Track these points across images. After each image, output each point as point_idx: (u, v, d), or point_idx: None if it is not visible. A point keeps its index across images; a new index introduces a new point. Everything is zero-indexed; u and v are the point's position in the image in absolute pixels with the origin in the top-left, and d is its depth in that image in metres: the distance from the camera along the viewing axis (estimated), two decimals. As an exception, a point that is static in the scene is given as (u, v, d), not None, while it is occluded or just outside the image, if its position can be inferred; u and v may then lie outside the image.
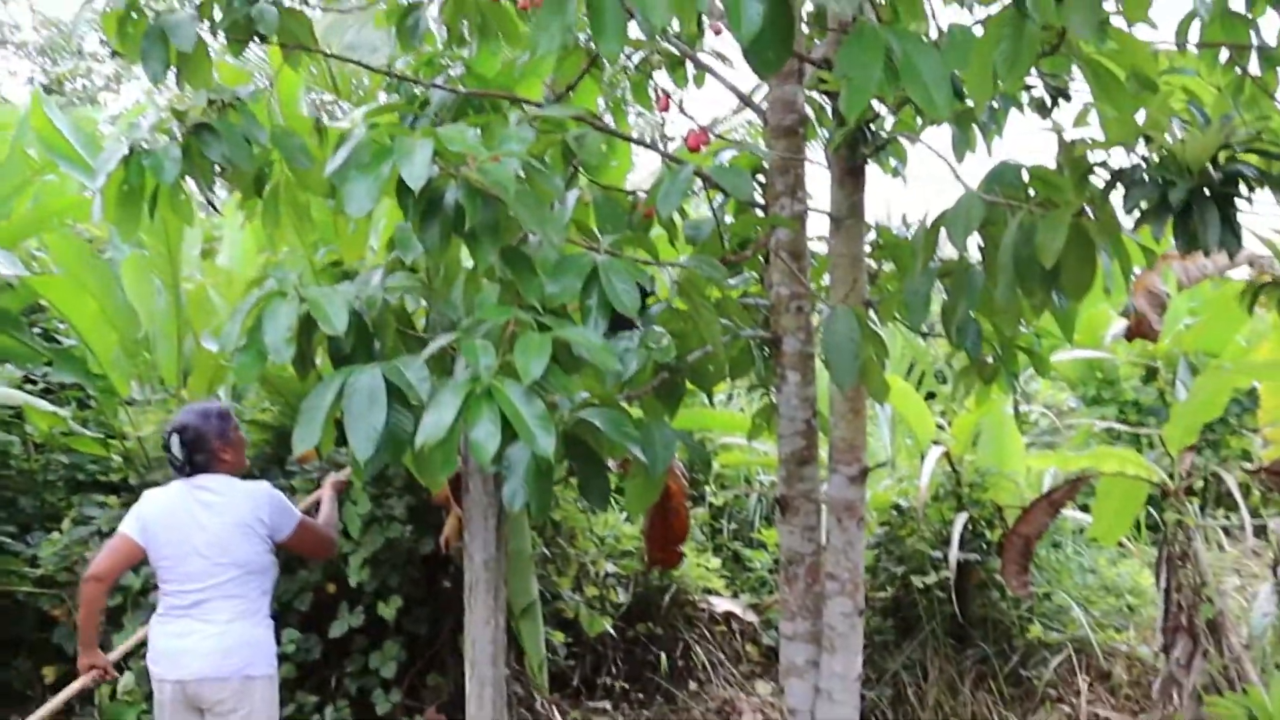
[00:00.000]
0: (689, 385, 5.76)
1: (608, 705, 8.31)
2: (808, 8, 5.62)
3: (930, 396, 11.17)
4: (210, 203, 5.80)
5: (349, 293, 5.15)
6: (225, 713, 5.76)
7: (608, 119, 6.60)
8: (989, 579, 9.20)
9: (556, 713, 7.43)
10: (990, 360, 6.04)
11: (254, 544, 5.91)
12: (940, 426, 10.13)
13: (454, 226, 4.34)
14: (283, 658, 6.53)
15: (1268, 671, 8.31)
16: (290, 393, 7.78)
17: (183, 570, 5.83)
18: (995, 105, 5.27)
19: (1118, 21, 4.62)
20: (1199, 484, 10.13)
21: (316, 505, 6.51)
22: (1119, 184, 4.46)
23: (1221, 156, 4.15)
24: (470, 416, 4.13)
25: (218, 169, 5.53)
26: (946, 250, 5.16)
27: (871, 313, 5.83)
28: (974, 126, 5.26)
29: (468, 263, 5.04)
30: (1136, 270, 8.55)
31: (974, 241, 5.02)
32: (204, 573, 5.80)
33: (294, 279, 4.94)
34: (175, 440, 5.91)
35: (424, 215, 4.32)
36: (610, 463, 5.06)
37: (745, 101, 6.39)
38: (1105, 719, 8.67)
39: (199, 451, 5.90)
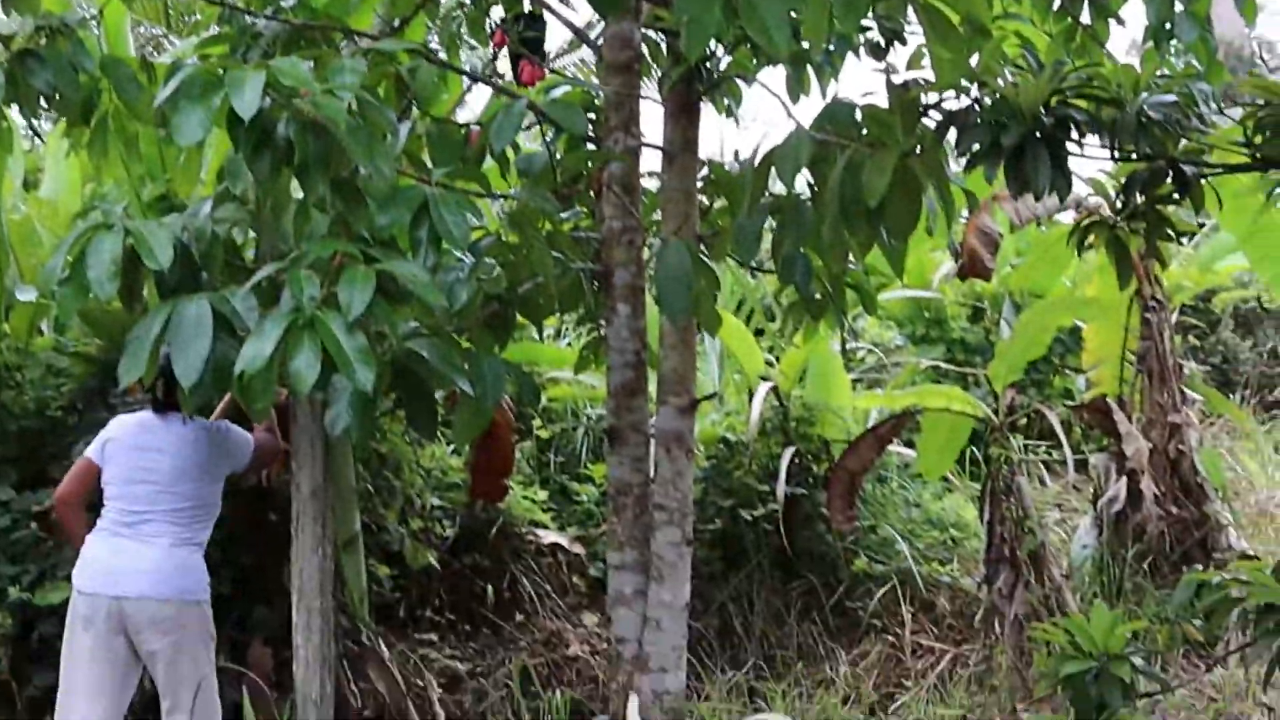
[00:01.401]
0: (519, 317, 5.78)
1: (434, 637, 8.28)
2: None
3: (759, 333, 11.27)
4: (34, 131, 5.67)
5: (175, 225, 5.10)
6: (161, 634, 5.65)
7: (441, 52, 6.56)
8: (816, 513, 9.34)
9: (382, 645, 7.38)
10: (819, 297, 6.11)
11: (212, 485, 5.92)
12: (769, 363, 10.23)
13: (285, 159, 4.31)
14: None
15: (1086, 601, 8.59)
16: (113, 326, 7.62)
17: (133, 491, 5.76)
18: (831, 48, 5.32)
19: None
20: (1022, 421, 10.38)
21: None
22: (952, 126, 4.53)
23: (1053, 101, 4.24)
24: (291, 347, 4.14)
25: (43, 97, 5.41)
26: (778, 187, 5.22)
27: (702, 248, 5.87)
28: (809, 69, 5.31)
29: (298, 194, 5.01)
30: (965, 214, 8.77)
31: (805, 178, 5.08)
32: (154, 498, 5.75)
33: (119, 212, 4.87)
34: (161, 380, 5.79)
35: (255, 147, 4.28)
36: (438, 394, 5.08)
37: (581, 37, 6.40)
38: (929, 649, 8.87)
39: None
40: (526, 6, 6.25)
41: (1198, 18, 5.28)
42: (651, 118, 5.99)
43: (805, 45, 4.52)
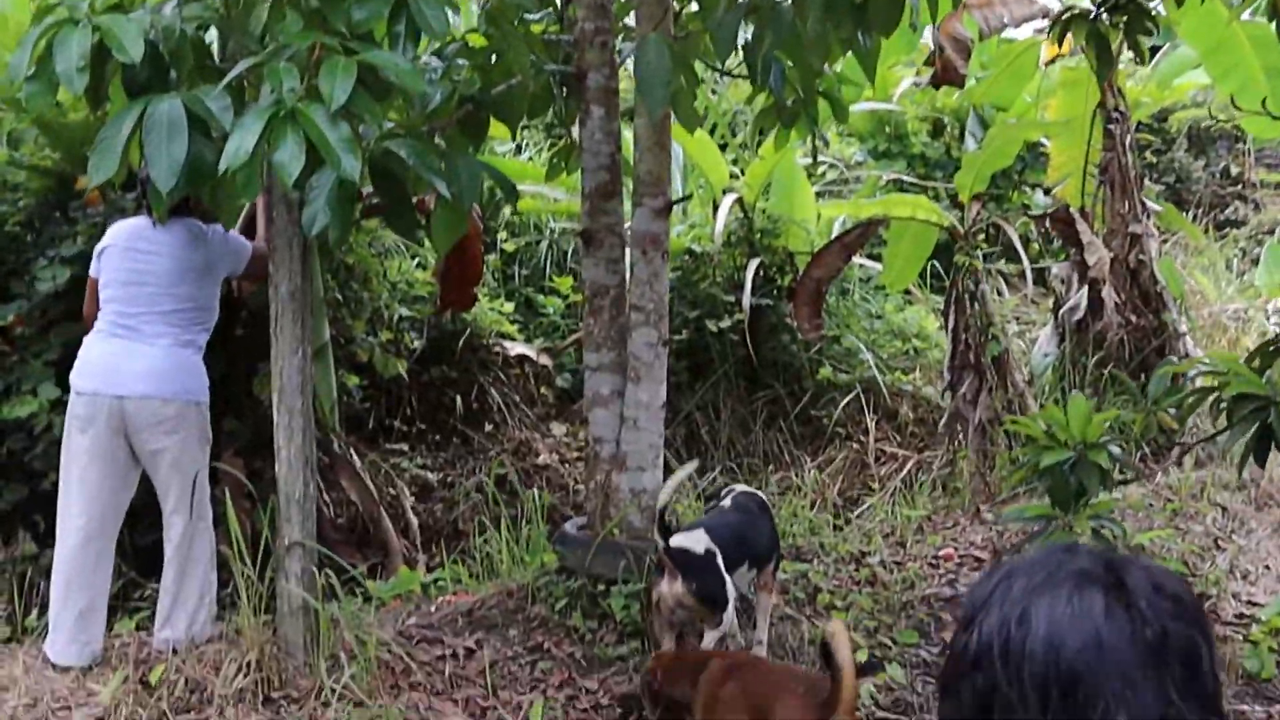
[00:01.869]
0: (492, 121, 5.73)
1: (404, 447, 8.36)
2: None
3: (723, 148, 11.23)
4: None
5: (144, 20, 4.99)
6: (164, 434, 5.61)
7: None
8: (780, 323, 9.41)
9: (354, 455, 7.44)
10: (790, 103, 6.09)
11: (210, 287, 5.84)
12: (733, 175, 10.22)
13: (256, -50, 4.23)
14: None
15: (1047, 406, 8.71)
16: (71, 138, 7.52)
17: (131, 293, 5.68)
18: None
19: None
20: (981, 236, 10.42)
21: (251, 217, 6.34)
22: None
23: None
24: (274, 139, 4.08)
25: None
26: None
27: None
28: None
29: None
30: (931, 27, 8.70)
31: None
32: (152, 299, 5.67)
33: (85, 7, 4.76)
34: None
35: (227, -63, 4.19)
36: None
37: None
38: (892, 455, 9.00)
39: None
40: None
41: None
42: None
43: None
